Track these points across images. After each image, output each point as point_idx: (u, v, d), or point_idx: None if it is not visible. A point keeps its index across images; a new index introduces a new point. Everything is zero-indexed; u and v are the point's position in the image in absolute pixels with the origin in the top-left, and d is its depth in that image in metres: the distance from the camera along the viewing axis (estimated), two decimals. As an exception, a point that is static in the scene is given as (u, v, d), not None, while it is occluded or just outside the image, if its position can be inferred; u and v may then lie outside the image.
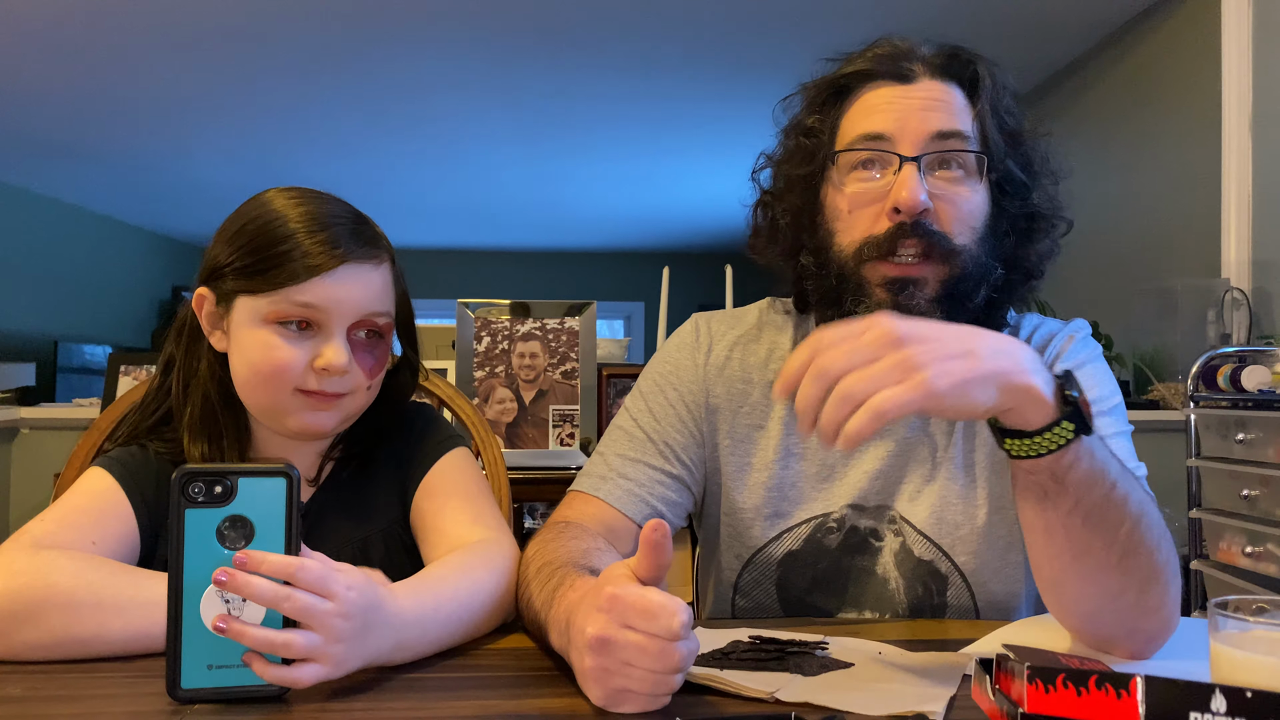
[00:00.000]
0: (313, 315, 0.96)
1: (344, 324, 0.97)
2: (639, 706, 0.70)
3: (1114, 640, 0.87)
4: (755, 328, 1.15)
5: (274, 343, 0.96)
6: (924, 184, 0.96)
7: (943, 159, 0.98)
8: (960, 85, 1.01)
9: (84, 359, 6.81)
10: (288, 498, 0.73)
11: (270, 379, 0.96)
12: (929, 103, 0.98)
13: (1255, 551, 2.02)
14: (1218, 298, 2.79)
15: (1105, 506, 0.78)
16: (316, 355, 0.96)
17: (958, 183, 0.98)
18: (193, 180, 6.49)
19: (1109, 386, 1.05)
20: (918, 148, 0.97)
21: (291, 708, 0.72)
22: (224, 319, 1.00)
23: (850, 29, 1.16)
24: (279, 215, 0.97)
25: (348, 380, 0.98)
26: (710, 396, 1.11)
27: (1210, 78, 3.03)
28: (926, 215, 0.96)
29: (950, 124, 0.98)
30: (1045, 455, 0.75)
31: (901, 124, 0.98)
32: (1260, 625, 0.66)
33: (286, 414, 0.98)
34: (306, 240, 0.95)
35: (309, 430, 0.99)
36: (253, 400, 1.00)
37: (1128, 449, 1.00)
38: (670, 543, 0.70)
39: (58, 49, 4.01)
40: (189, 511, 0.72)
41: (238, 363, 0.99)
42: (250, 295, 0.96)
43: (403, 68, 4.31)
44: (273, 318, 0.96)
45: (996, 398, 0.72)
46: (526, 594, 0.90)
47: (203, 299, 1.01)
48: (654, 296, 9.07)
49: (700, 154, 5.79)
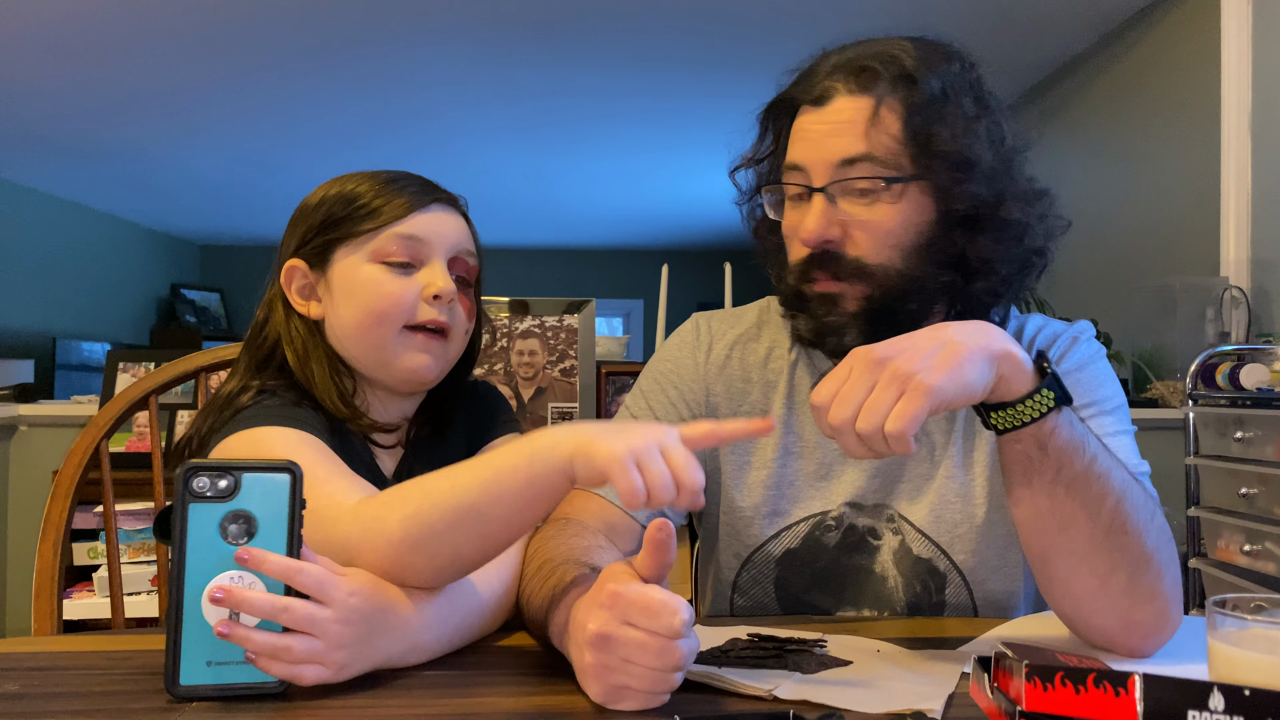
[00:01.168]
0: (416, 249, 1.00)
1: (444, 256, 1.01)
2: (638, 704, 0.70)
3: (1109, 633, 0.87)
4: (755, 326, 1.15)
5: (383, 278, 0.99)
6: (831, 213, 0.98)
7: (854, 186, 0.97)
8: (874, 90, 0.98)
9: (83, 356, 6.81)
10: (291, 494, 0.73)
11: (384, 315, 0.98)
12: (835, 127, 0.98)
13: (1254, 550, 2.02)
14: (1216, 296, 2.79)
15: (1087, 477, 0.82)
16: (426, 284, 1.00)
17: (871, 204, 0.97)
18: (192, 177, 6.49)
19: (1112, 387, 1.05)
20: (824, 177, 0.98)
21: (290, 705, 0.72)
22: (319, 282, 1.02)
23: (850, 26, 1.15)
24: (351, 184, 1.02)
25: (454, 313, 1.02)
26: (710, 395, 1.11)
27: (1209, 76, 3.03)
28: (832, 244, 0.98)
29: (854, 148, 0.97)
30: (1029, 424, 0.81)
31: (811, 154, 0.99)
32: (1258, 623, 0.66)
33: (395, 356, 1.00)
34: (394, 187, 1.01)
35: (416, 373, 1.01)
36: (362, 346, 1.01)
37: (1131, 448, 1.01)
38: (674, 542, 0.70)
39: (57, 45, 4.00)
40: (193, 506, 0.72)
41: (345, 310, 1.00)
42: (350, 241, 1.00)
43: (402, 65, 4.31)
44: (378, 256, 0.99)
45: (988, 371, 0.79)
46: (527, 590, 0.91)
47: (293, 270, 1.03)
48: (653, 294, 9.08)
49: (700, 151, 5.79)
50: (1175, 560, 0.88)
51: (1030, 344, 1.08)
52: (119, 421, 1.24)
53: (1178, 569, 0.88)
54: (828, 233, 0.98)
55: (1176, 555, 0.89)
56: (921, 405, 0.75)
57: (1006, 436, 0.83)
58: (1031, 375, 0.81)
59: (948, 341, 0.78)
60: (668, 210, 7.64)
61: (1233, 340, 2.74)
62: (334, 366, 1.02)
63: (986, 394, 0.80)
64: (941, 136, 0.96)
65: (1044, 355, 0.83)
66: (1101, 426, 1.00)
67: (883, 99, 0.97)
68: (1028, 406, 0.80)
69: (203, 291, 8.81)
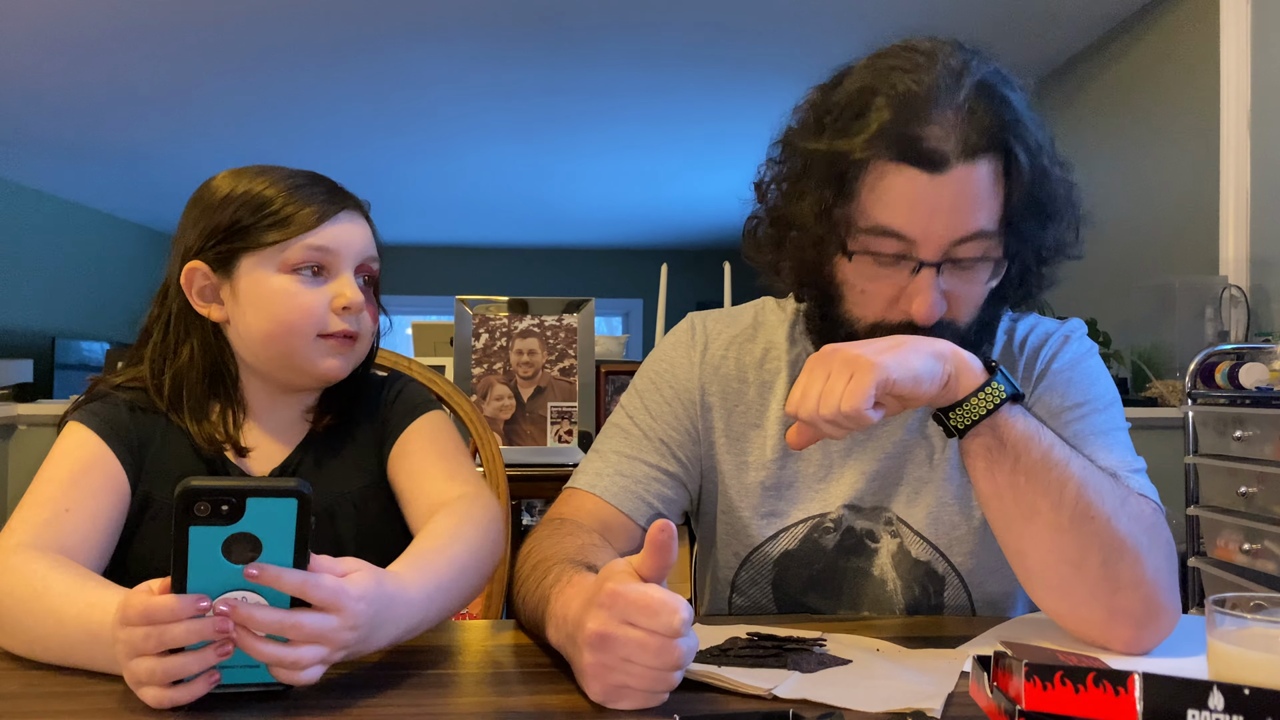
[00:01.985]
0: (326, 259, 1.01)
1: (351, 265, 1.03)
2: (637, 703, 0.70)
3: (1097, 624, 0.87)
4: (751, 327, 1.15)
5: (294, 289, 0.99)
6: (939, 286, 0.92)
7: (958, 261, 0.93)
8: (993, 159, 0.91)
9: (82, 355, 6.81)
10: (299, 518, 0.70)
11: (295, 325, 0.99)
12: (957, 203, 0.90)
13: (1253, 549, 2.02)
14: (1216, 295, 2.80)
15: (1045, 464, 0.86)
16: (335, 295, 1.01)
17: (973, 277, 0.95)
18: (191, 176, 6.39)
19: (1104, 384, 1.05)
20: (939, 254, 0.92)
21: (290, 705, 0.72)
22: (223, 286, 1.02)
23: (850, 24, 1.15)
24: (256, 185, 1.01)
25: (361, 320, 1.03)
26: (705, 394, 1.11)
27: (1208, 74, 3.03)
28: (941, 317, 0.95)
29: (974, 225, 0.91)
30: (985, 417, 0.86)
31: (926, 229, 0.90)
32: (1258, 622, 0.66)
33: (308, 361, 1.01)
34: (303, 193, 1.01)
35: (329, 375, 1.03)
36: (272, 353, 1.02)
37: (1125, 445, 1.01)
38: (675, 544, 0.70)
39: (57, 45, 4.00)
40: (193, 529, 0.68)
41: (253, 319, 1.00)
42: (257, 251, 0.99)
43: (401, 64, 4.31)
44: (287, 265, 0.99)
45: (935, 365, 0.85)
46: (523, 590, 0.90)
47: (194, 271, 1.02)
48: (652, 293, 9.07)
49: (699, 150, 5.79)
50: (1161, 549, 0.88)
51: (1023, 342, 1.08)
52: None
53: (1165, 558, 0.88)
54: (941, 309, 0.93)
55: (1165, 544, 0.89)
56: (869, 380, 0.80)
57: (968, 435, 0.87)
58: (980, 372, 0.87)
59: (899, 342, 0.86)
60: (667, 209, 7.64)
61: (1232, 339, 2.74)
62: (217, 380, 1.04)
63: (939, 389, 0.85)
64: (1043, 203, 0.94)
65: (989, 357, 0.90)
66: (1095, 424, 1.00)
67: (1000, 170, 0.92)
68: (981, 399, 0.86)
69: (202, 291, 8.80)
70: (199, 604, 0.68)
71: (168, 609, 0.68)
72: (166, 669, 0.68)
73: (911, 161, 0.89)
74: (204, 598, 0.68)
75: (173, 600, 0.68)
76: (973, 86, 0.91)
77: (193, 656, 0.68)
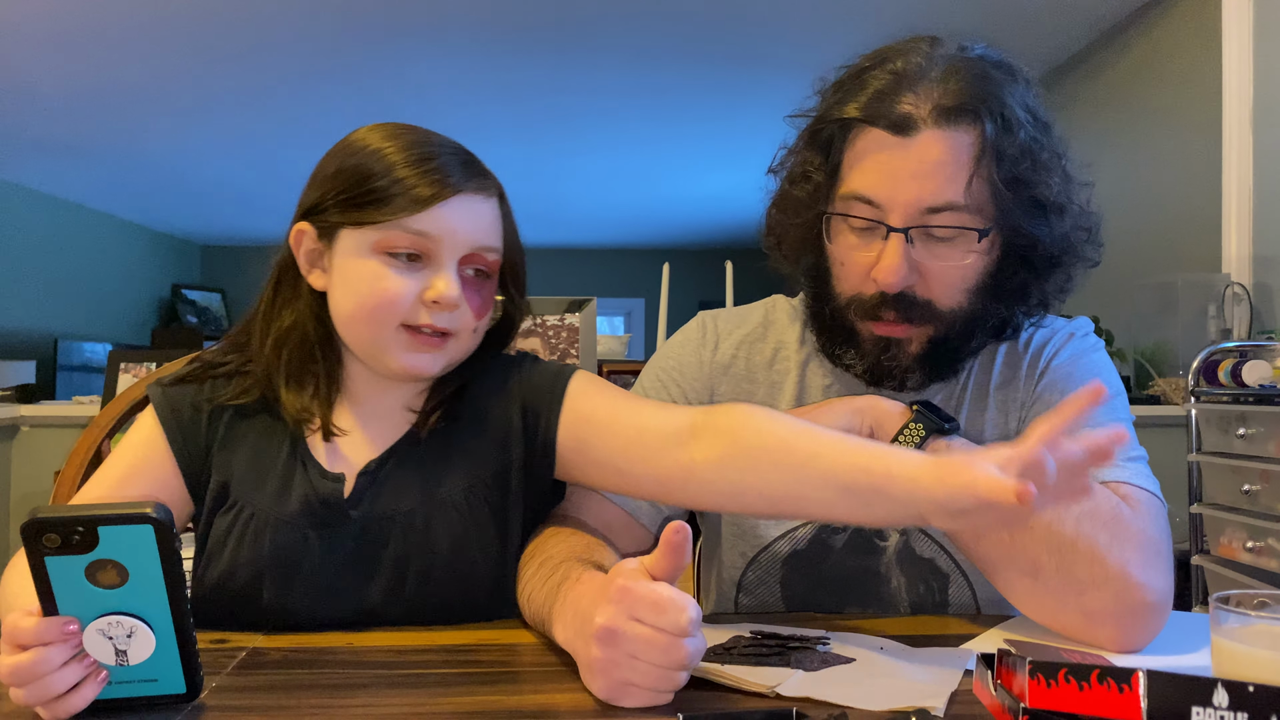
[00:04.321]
0: (424, 245, 0.91)
1: (455, 256, 0.92)
2: (642, 701, 0.69)
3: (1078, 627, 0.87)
4: (761, 326, 1.14)
5: (382, 273, 0.91)
6: (909, 256, 0.94)
7: (930, 232, 0.94)
8: (967, 130, 0.92)
9: (84, 357, 6.82)
10: (159, 542, 0.66)
11: (376, 312, 0.91)
12: (923, 168, 0.92)
13: (1256, 546, 2.02)
14: (1218, 293, 2.79)
15: None
16: (426, 287, 0.91)
17: (949, 252, 0.95)
18: (193, 178, 6.49)
19: (1107, 379, 1.05)
20: (906, 220, 0.93)
21: (290, 705, 0.72)
22: (324, 255, 0.95)
23: (851, 24, 1.15)
24: (380, 148, 0.93)
25: (456, 317, 0.93)
26: (715, 395, 1.10)
27: (1211, 72, 3.03)
28: (910, 287, 0.96)
29: (942, 195, 0.92)
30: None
31: (891, 192, 0.93)
32: (1262, 619, 0.66)
33: (388, 352, 0.93)
34: (417, 169, 0.91)
35: (410, 372, 0.94)
36: (355, 337, 0.95)
37: (1128, 438, 1.00)
38: (689, 546, 0.70)
39: (57, 45, 4.00)
40: (49, 559, 0.66)
41: (341, 297, 0.94)
42: (357, 227, 0.92)
43: (401, 65, 4.31)
44: (381, 247, 0.91)
45: (854, 420, 0.94)
46: (528, 588, 0.90)
47: (302, 234, 0.96)
48: (654, 293, 9.07)
49: (700, 149, 5.79)
50: (1129, 540, 0.86)
51: (1028, 342, 1.08)
52: (121, 422, 1.24)
53: (1137, 549, 0.86)
54: (907, 278, 0.94)
55: (1135, 535, 0.87)
56: None
57: None
58: (900, 415, 0.94)
59: (820, 403, 0.98)
60: (669, 209, 7.64)
61: (1235, 337, 2.74)
62: (316, 351, 0.97)
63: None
64: (1031, 184, 0.94)
65: (916, 402, 0.95)
66: (1094, 417, 1.00)
67: (976, 143, 0.92)
68: (901, 442, 0.92)
69: (204, 292, 8.82)
70: (66, 627, 0.67)
71: (31, 631, 0.66)
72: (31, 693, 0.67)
73: (881, 125, 0.93)
74: (73, 621, 0.67)
75: (39, 623, 0.67)
76: (957, 60, 0.94)
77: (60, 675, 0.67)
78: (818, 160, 0.99)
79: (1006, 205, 0.94)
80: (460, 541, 0.95)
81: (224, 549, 0.93)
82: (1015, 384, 1.07)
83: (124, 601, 0.68)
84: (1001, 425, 1.07)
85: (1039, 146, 0.95)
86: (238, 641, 0.88)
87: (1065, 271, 1.02)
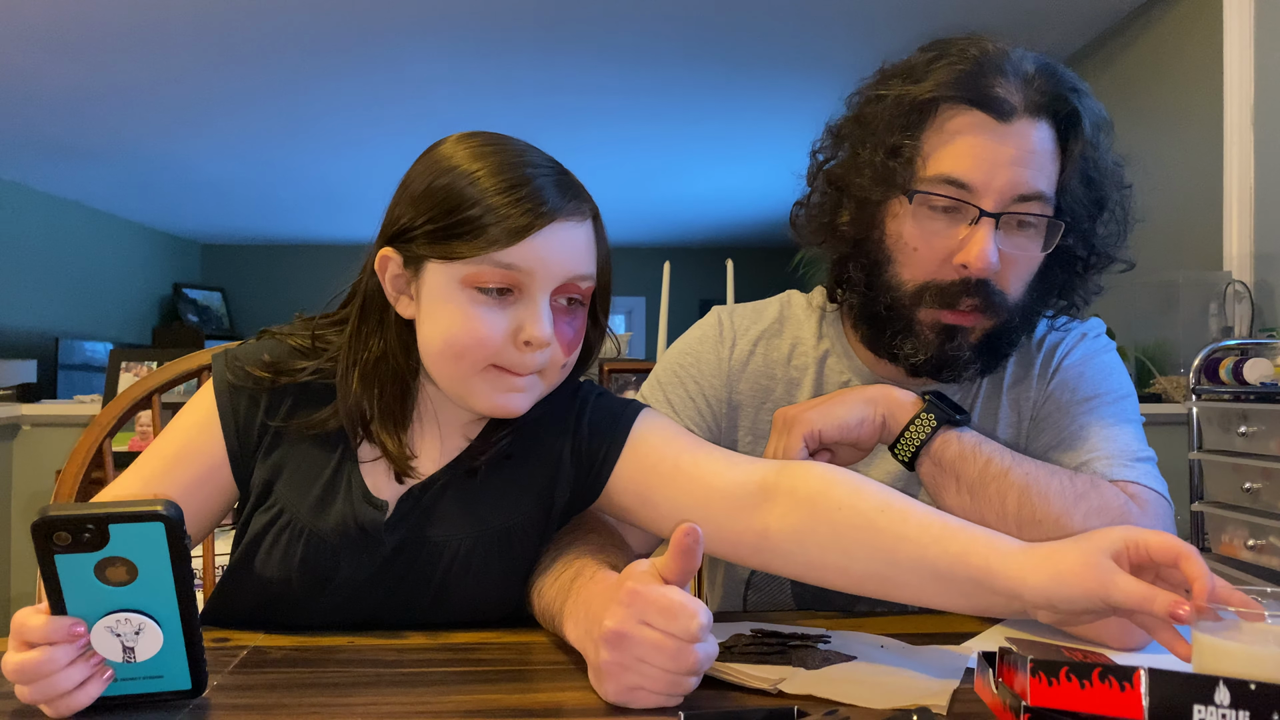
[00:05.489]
0: (516, 279, 0.85)
1: (548, 288, 0.86)
2: (650, 705, 0.69)
3: None
4: (777, 322, 1.14)
5: (472, 312, 0.85)
6: (996, 243, 0.94)
7: (1020, 220, 0.95)
8: (1055, 125, 0.96)
9: (85, 356, 6.82)
10: (170, 539, 0.67)
11: (466, 352, 0.86)
12: (1020, 156, 0.93)
13: (1258, 544, 2.02)
14: (1220, 291, 2.79)
15: (984, 480, 0.91)
16: (518, 327, 0.86)
17: (1027, 243, 0.97)
18: (193, 177, 6.49)
19: (1118, 379, 1.06)
20: (999, 205, 0.94)
21: (291, 705, 0.72)
22: (411, 283, 0.89)
23: (852, 23, 1.15)
24: (471, 170, 0.86)
25: (545, 354, 0.87)
26: (733, 393, 1.10)
27: (1212, 70, 3.02)
28: (993, 275, 0.96)
29: (1036, 184, 0.94)
30: (922, 447, 0.93)
31: (988, 178, 0.93)
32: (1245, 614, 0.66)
33: (476, 393, 0.88)
34: (510, 196, 0.85)
35: (499, 412, 0.89)
36: (442, 374, 0.89)
37: (1134, 436, 1.01)
38: (701, 549, 0.70)
39: (57, 45, 4.00)
40: (59, 557, 0.67)
41: (429, 333, 0.88)
42: (445, 261, 0.86)
43: (401, 64, 4.30)
44: (471, 282, 0.85)
45: (864, 409, 0.95)
46: (539, 585, 0.90)
47: (387, 260, 0.90)
48: (655, 291, 9.05)
49: (701, 148, 5.78)
50: None
51: (1041, 341, 1.09)
52: (122, 421, 1.24)
53: None
54: (995, 264, 0.94)
55: None
56: (796, 434, 0.94)
57: (916, 464, 0.95)
58: (912, 405, 0.95)
59: (830, 395, 0.98)
60: (669, 207, 7.63)
61: (1236, 335, 2.74)
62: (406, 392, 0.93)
63: (876, 430, 0.95)
64: (1098, 186, 0.98)
65: (934, 394, 0.96)
66: (1102, 416, 1.01)
67: (1059, 138, 0.95)
68: (914, 431, 0.94)
69: (205, 291, 8.82)
70: (73, 628, 0.67)
71: (39, 630, 0.67)
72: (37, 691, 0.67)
73: (980, 106, 0.93)
74: (80, 622, 0.67)
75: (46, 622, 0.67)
76: (1037, 60, 0.97)
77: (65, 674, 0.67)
78: (893, 141, 0.96)
79: (1076, 203, 0.96)
80: (490, 574, 0.93)
81: (257, 548, 0.92)
82: (1028, 383, 1.07)
83: (132, 598, 0.68)
84: (1015, 424, 1.07)
85: (1106, 150, 0.99)
86: (239, 640, 0.88)
87: (1103, 273, 1.04)
